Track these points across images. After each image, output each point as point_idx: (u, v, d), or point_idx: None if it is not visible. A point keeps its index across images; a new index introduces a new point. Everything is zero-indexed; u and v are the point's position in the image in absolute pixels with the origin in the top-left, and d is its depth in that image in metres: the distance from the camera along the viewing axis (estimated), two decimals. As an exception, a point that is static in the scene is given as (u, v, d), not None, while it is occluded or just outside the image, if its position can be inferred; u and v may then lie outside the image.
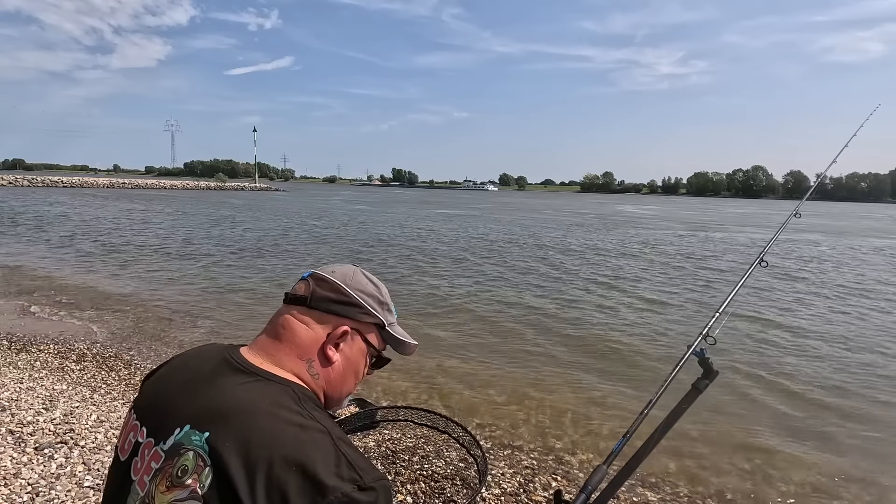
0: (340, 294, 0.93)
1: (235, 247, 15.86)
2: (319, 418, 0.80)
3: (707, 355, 1.46)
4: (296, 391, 0.83)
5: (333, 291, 0.93)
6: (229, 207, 36.19)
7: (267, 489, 0.70)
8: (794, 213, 2.06)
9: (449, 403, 5.00)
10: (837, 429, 4.82)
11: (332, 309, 0.92)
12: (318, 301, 0.91)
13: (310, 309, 0.91)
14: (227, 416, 0.77)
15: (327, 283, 0.93)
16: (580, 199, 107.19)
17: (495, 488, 3.47)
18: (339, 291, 0.93)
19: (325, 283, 0.93)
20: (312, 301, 0.91)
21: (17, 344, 6.05)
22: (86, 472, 3.14)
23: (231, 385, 0.82)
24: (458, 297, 9.75)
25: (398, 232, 22.56)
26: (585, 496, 1.22)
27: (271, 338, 0.91)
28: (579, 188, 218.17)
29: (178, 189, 68.70)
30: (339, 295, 0.93)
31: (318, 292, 0.92)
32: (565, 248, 18.52)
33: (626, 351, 6.88)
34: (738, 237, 25.32)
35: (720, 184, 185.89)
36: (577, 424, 4.68)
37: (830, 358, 6.82)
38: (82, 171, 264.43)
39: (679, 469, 3.96)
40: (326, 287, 0.93)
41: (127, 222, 22.56)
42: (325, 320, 0.91)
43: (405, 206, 46.88)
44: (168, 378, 0.92)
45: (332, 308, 0.92)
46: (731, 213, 55.62)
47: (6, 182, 58.18)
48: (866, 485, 3.90)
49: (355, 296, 0.94)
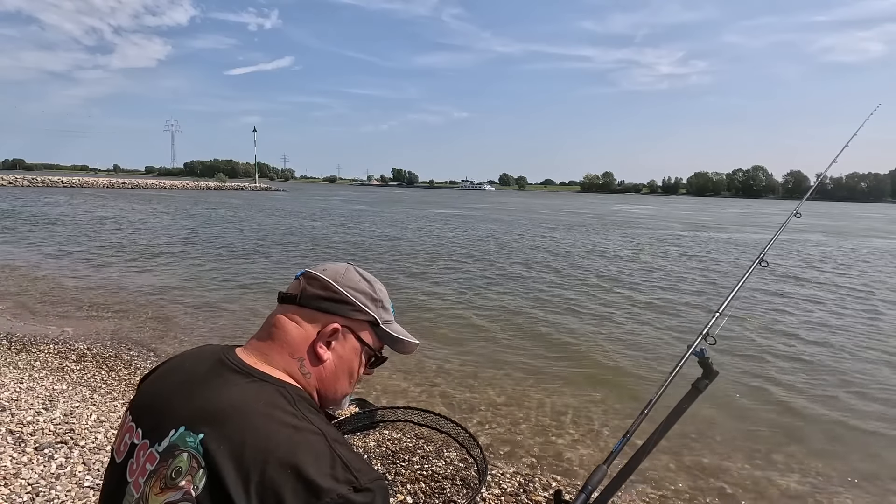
0: (330, 291, 0.92)
1: (235, 247, 15.85)
2: (314, 420, 0.79)
3: (707, 355, 1.46)
4: (290, 392, 0.83)
5: (323, 289, 0.92)
6: (229, 207, 36.19)
7: (261, 491, 0.70)
8: (795, 213, 2.06)
9: (449, 403, 5.00)
10: (837, 429, 4.82)
11: (322, 307, 0.91)
12: (307, 299, 0.91)
13: (300, 307, 0.91)
14: (221, 417, 0.77)
15: (318, 280, 0.93)
16: (578, 198, 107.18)
17: (495, 488, 3.47)
18: (328, 289, 0.92)
19: (316, 280, 0.93)
20: (302, 299, 0.91)
21: (17, 344, 6.04)
22: (86, 472, 3.14)
23: (226, 386, 0.82)
24: (457, 298, 9.75)
25: (396, 232, 22.56)
26: (586, 496, 1.22)
27: (264, 337, 0.91)
28: (579, 188, 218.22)
29: (178, 189, 68.67)
30: (329, 292, 0.92)
31: (308, 290, 0.92)
32: (563, 248, 18.51)
33: (626, 351, 6.88)
34: (736, 237, 25.32)
35: (720, 184, 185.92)
36: (577, 424, 4.68)
37: (830, 358, 6.82)
38: (82, 171, 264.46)
39: (679, 469, 3.96)
40: (317, 285, 0.92)
41: (127, 222, 22.55)
42: (315, 318, 0.91)
43: (404, 206, 46.88)
44: (164, 379, 0.91)
45: (323, 306, 0.91)
46: (727, 213, 55.62)
47: (6, 182, 58.15)
48: (866, 485, 3.90)
49: (345, 293, 0.93)
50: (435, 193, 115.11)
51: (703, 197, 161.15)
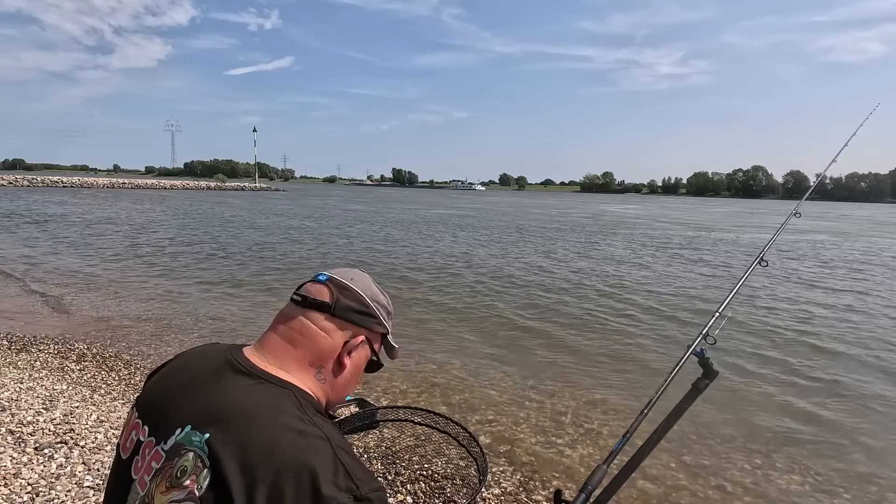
0: (362, 305, 0.94)
1: (235, 247, 15.85)
2: (320, 425, 0.80)
3: (707, 355, 1.46)
4: (297, 396, 0.83)
5: (356, 302, 0.94)
6: (228, 207, 36.18)
7: (263, 493, 0.70)
8: (794, 213, 2.06)
9: (449, 402, 5.00)
10: (837, 428, 4.82)
11: (353, 319, 0.93)
12: (342, 310, 0.92)
13: (333, 317, 0.91)
14: (227, 418, 0.77)
15: (351, 292, 0.94)
16: (572, 198, 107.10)
17: (495, 487, 3.47)
18: (361, 302, 0.94)
19: (349, 292, 0.94)
20: (337, 310, 0.91)
21: (17, 344, 6.04)
22: (86, 472, 3.14)
23: (233, 387, 0.82)
24: (457, 298, 9.75)
25: (391, 232, 22.56)
26: (585, 495, 1.22)
27: (284, 341, 0.90)
28: (579, 188, 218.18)
29: (178, 189, 68.64)
30: (362, 306, 0.94)
31: (342, 301, 0.92)
32: (561, 248, 18.52)
33: (625, 351, 6.88)
34: (728, 237, 25.32)
35: (720, 184, 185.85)
36: (576, 424, 4.68)
37: (830, 357, 6.82)
38: (82, 171, 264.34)
39: (679, 469, 3.96)
40: (350, 297, 0.93)
41: (126, 222, 22.54)
42: (344, 328, 0.92)
43: (400, 205, 46.86)
44: (171, 377, 0.92)
45: (355, 318, 0.93)
46: (715, 212, 55.52)
47: (6, 182, 58.13)
48: (866, 485, 3.90)
49: (374, 307, 0.95)
50: (428, 193, 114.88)
51: (703, 197, 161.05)
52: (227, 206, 38.34)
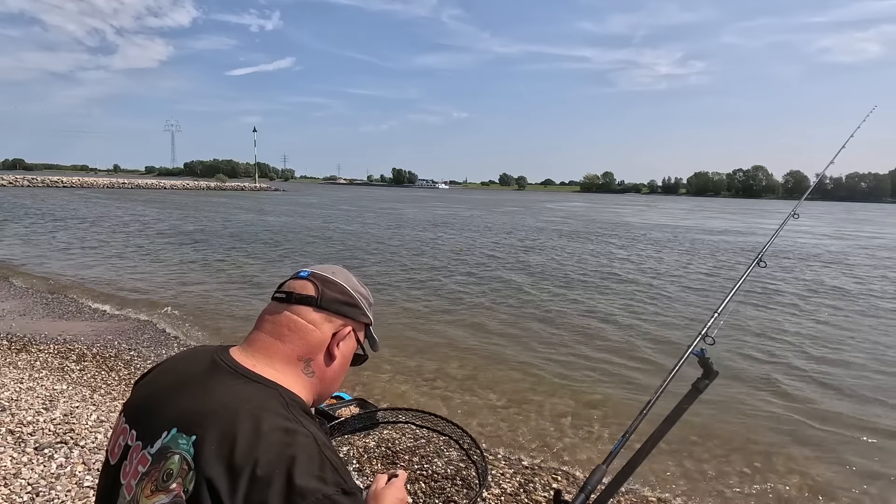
0: (347, 296, 0.96)
1: (234, 247, 15.85)
2: (305, 423, 0.80)
3: (707, 355, 1.46)
4: (283, 395, 0.84)
5: (341, 293, 0.95)
6: (228, 207, 36.18)
7: (248, 492, 0.71)
8: (793, 214, 2.06)
9: (449, 404, 5.00)
10: (837, 429, 4.81)
11: (340, 310, 0.95)
12: (328, 302, 0.93)
13: (320, 310, 0.93)
14: (213, 419, 0.77)
15: (335, 285, 0.96)
16: (569, 197, 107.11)
17: (495, 488, 3.47)
18: (345, 294, 0.96)
19: (333, 285, 0.96)
20: (323, 302, 0.93)
21: (17, 344, 6.04)
22: (86, 472, 3.14)
23: (219, 388, 0.82)
24: (455, 299, 9.75)
25: (372, 230, 22.56)
26: (585, 496, 1.22)
27: (272, 337, 0.91)
28: (579, 188, 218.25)
29: (178, 189, 68.63)
30: (346, 297, 0.96)
31: (327, 294, 0.94)
32: (560, 248, 18.52)
33: (625, 351, 6.88)
34: (725, 238, 25.32)
35: (720, 184, 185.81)
36: (576, 425, 4.68)
37: (830, 357, 6.82)
38: (82, 170, 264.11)
39: (678, 469, 3.96)
40: (334, 289, 0.95)
41: (126, 222, 22.54)
42: (332, 320, 0.94)
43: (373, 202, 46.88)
44: (157, 381, 0.92)
45: (341, 310, 0.95)
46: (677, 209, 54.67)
47: (6, 182, 58.10)
48: (866, 485, 3.90)
49: (357, 297, 0.97)
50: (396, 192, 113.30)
51: (703, 197, 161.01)
52: (227, 206, 38.33)
